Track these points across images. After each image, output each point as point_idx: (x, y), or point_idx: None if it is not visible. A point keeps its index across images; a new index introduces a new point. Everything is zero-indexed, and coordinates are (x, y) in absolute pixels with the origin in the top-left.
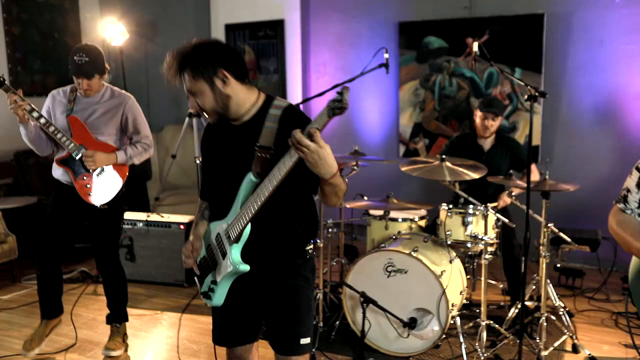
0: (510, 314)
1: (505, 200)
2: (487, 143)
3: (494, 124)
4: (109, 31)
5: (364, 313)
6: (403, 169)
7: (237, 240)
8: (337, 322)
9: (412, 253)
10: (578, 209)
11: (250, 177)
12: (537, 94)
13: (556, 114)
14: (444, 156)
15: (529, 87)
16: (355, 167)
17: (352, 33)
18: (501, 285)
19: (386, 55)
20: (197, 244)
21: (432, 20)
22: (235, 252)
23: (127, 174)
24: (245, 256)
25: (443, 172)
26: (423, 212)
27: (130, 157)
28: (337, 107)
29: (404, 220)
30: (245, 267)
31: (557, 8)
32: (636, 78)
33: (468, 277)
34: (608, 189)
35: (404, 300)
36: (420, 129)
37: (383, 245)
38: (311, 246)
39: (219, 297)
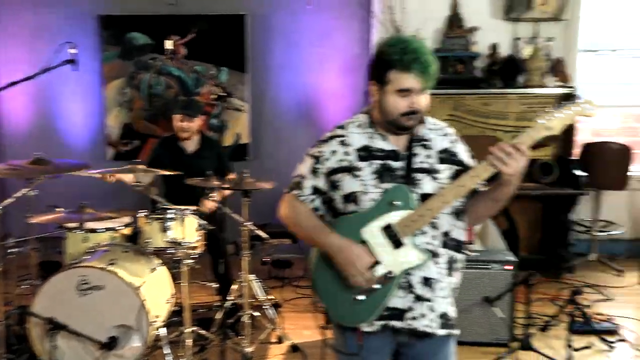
0: (218, 315)
1: (207, 205)
2: (190, 145)
3: (191, 125)
4: None
5: (52, 341)
6: (86, 173)
7: None
8: (27, 355)
9: (108, 267)
10: None
11: None
12: (225, 94)
13: (263, 112)
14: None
15: (218, 86)
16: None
17: (49, 27)
18: (216, 286)
19: (73, 51)
20: None
21: (136, 15)
22: None
23: None
24: None
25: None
26: (128, 219)
27: None
28: None
29: (106, 230)
30: None
31: (257, 10)
32: (328, 79)
33: (183, 282)
34: None
35: (102, 319)
36: (129, 130)
37: (75, 261)
38: None
39: None
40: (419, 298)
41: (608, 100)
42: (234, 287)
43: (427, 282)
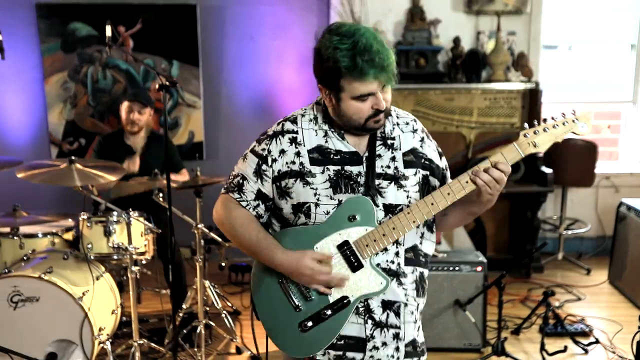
0: (171, 326)
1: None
2: (137, 142)
3: (141, 117)
4: None
5: None
6: (20, 175)
7: None
8: None
9: (44, 276)
10: None
11: None
12: (167, 83)
13: (217, 109)
14: (73, 157)
15: (160, 75)
16: None
17: None
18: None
19: None
20: None
21: (77, 4)
22: None
23: None
24: None
25: (72, 176)
26: (71, 222)
27: None
28: None
29: (45, 235)
30: None
31: (209, 1)
32: (286, 73)
33: (131, 291)
34: None
35: (39, 334)
36: (74, 128)
37: (7, 270)
38: None
39: None
40: (380, 325)
41: (568, 97)
42: (189, 294)
43: (389, 306)
